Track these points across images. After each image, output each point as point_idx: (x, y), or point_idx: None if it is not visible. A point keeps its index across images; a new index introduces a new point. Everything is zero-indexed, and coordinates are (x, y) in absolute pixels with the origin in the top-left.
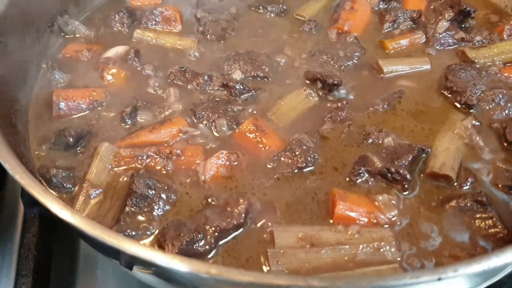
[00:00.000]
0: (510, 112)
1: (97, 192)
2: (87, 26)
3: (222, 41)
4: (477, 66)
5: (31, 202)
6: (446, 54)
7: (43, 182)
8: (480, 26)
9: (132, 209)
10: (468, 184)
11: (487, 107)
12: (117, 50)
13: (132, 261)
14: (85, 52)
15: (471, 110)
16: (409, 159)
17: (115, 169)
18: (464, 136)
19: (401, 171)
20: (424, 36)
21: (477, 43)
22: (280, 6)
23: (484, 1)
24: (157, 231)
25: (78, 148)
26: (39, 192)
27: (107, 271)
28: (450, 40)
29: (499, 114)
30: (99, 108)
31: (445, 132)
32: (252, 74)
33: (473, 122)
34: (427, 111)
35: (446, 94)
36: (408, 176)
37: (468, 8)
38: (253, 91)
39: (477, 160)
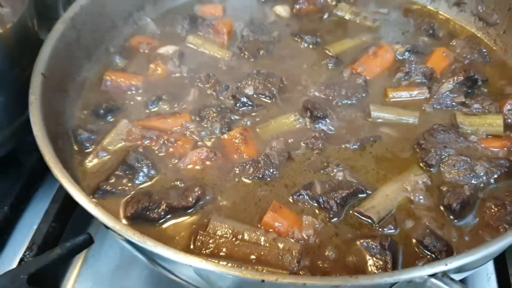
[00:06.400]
0: (462, 179)
1: (104, 154)
2: (156, 24)
3: (252, 59)
4: (460, 131)
5: None
6: (441, 114)
7: (72, 137)
8: (487, 96)
9: (120, 173)
10: (387, 229)
11: (444, 169)
12: (168, 49)
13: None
14: (144, 45)
15: (431, 169)
16: (343, 194)
17: (124, 143)
18: (408, 190)
19: (330, 201)
20: (428, 92)
21: (474, 110)
22: (315, 38)
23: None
24: (130, 195)
25: (108, 118)
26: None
27: None
28: (449, 102)
29: (452, 178)
30: (134, 92)
31: (395, 182)
32: (261, 92)
33: (424, 179)
34: (392, 159)
35: (416, 149)
36: (334, 207)
37: (476, 76)
38: (255, 107)
39: (408, 213)
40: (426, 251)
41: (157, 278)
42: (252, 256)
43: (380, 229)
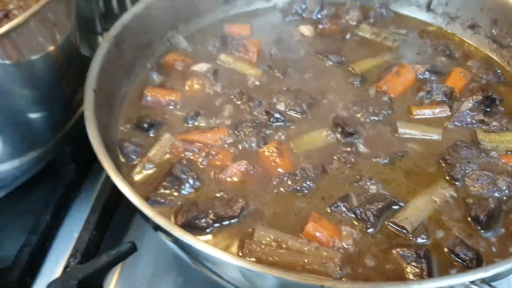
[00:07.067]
0: (486, 192)
1: (150, 166)
2: (188, 42)
3: (282, 76)
4: (481, 147)
5: None
6: (462, 130)
7: (118, 150)
8: (504, 114)
9: (167, 184)
10: (420, 239)
11: (469, 183)
12: (202, 67)
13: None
14: (179, 62)
15: (457, 183)
16: (379, 206)
17: (168, 155)
18: (437, 202)
19: (367, 213)
20: (449, 110)
21: (493, 128)
22: (340, 57)
23: None
24: (178, 204)
25: (149, 132)
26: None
27: None
28: (469, 120)
29: (476, 191)
30: (173, 107)
31: (424, 194)
32: (292, 108)
33: (451, 192)
34: (420, 173)
35: (442, 163)
36: (371, 219)
37: (494, 96)
38: (287, 122)
39: (438, 223)
40: (458, 259)
41: (191, 284)
42: (297, 264)
43: (414, 239)
